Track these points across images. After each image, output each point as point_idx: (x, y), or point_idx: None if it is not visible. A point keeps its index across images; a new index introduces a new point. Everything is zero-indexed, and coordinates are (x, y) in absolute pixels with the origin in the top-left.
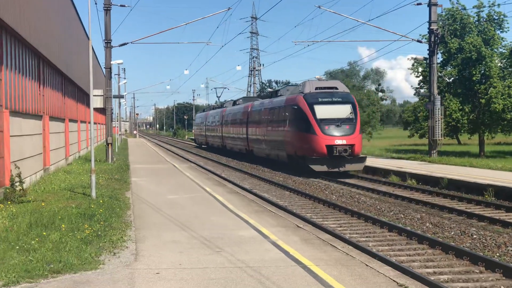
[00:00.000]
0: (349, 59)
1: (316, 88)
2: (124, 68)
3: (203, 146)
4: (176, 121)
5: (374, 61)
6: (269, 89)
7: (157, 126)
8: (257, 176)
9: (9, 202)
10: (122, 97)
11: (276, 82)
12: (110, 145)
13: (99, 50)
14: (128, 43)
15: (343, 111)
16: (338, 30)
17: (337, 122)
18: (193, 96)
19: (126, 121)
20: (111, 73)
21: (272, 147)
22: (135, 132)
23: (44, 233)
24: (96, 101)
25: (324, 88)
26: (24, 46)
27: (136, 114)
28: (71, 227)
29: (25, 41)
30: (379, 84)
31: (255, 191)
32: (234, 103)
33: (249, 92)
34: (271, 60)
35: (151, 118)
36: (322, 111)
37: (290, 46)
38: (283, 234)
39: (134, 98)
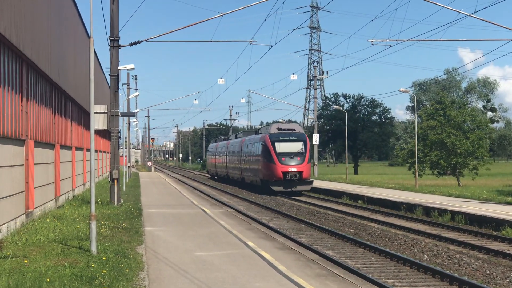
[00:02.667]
0: (446, 65)
1: (278, 129)
2: (136, 76)
3: (215, 177)
4: (206, 149)
5: (481, 67)
6: (331, 107)
7: (180, 155)
8: (317, 226)
9: None
10: (133, 115)
11: (345, 97)
12: (116, 181)
13: (101, 52)
14: (142, 41)
15: (296, 146)
16: (431, 26)
17: (291, 155)
18: (230, 115)
19: (138, 149)
20: (118, 82)
21: (253, 174)
22: (149, 163)
23: None
24: (98, 121)
25: (285, 129)
26: (1, 44)
27: (151, 139)
28: None
29: (1, 36)
30: (488, 100)
31: (316, 247)
32: (236, 136)
33: (308, 110)
34: (338, 66)
35: (172, 144)
36: (281, 146)
37: (364, 46)
38: None
39: (148, 116)
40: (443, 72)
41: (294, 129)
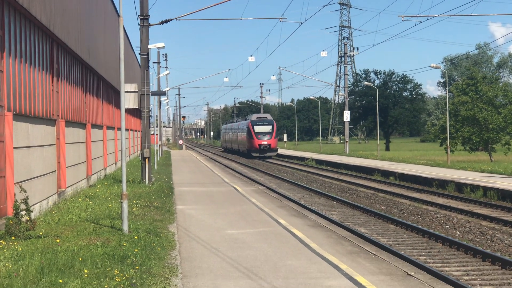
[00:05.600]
0: (477, 40)
1: (257, 117)
2: (166, 54)
3: (226, 150)
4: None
5: None
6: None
7: (211, 133)
8: (349, 203)
9: (12, 238)
10: (163, 93)
11: (376, 73)
12: (147, 160)
13: (131, 31)
14: (171, 19)
15: (267, 128)
16: (462, 1)
17: (264, 134)
18: (261, 92)
19: (169, 127)
20: (148, 61)
21: (242, 146)
22: (180, 142)
23: (60, 281)
24: (129, 100)
25: (261, 117)
26: (32, 25)
27: (183, 117)
28: (95, 273)
29: (32, 17)
30: None
31: (347, 225)
32: (236, 120)
33: (338, 86)
34: (369, 42)
35: (203, 122)
36: (258, 128)
37: (395, 22)
38: (387, 285)
39: (179, 95)
40: (475, 47)
41: (266, 117)
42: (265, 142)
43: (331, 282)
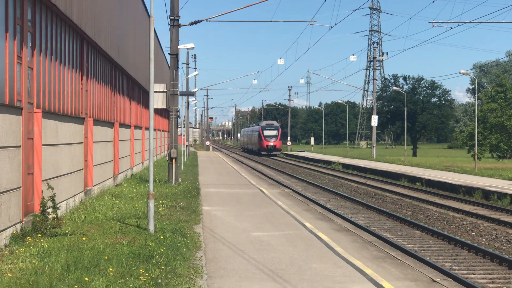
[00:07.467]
0: (507, 47)
1: (266, 123)
2: (195, 55)
3: (244, 151)
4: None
5: None
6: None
7: (238, 135)
8: (375, 208)
9: (39, 235)
10: (192, 94)
11: (405, 78)
12: (174, 160)
13: (161, 31)
14: (202, 20)
15: (273, 132)
16: (493, 8)
17: (271, 136)
18: (289, 95)
19: (196, 128)
20: (177, 61)
21: (254, 146)
22: (207, 143)
23: (86, 279)
24: (158, 100)
25: (269, 123)
26: (63, 22)
27: (210, 118)
28: (121, 272)
29: (64, 16)
30: None
31: (373, 229)
32: (251, 125)
33: (367, 91)
34: (398, 47)
35: (230, 124)
36: (266, 132)
37: (425, 27)
38: None
39: (207, 96)
40: (505, 54)
41: (273, 123)
42: (272, 143)
43: (356, 286)
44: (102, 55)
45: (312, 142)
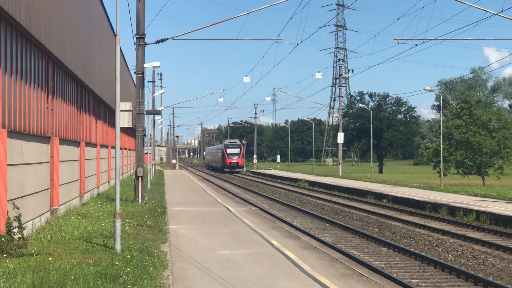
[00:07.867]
0: (472, 64)
1: (229, 142)
2: (161, 74)
3: (209, 168)
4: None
5: (506, 67)
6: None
7: (204, 153)
8: (341, 225)
9: (4, 255)
10: (158, 112)
11: (371, 95)
12: (140, 179)
13: (127, 49)
14: (168, 38)
15: (236, 150)
16: (457, 25)
17: (233, 154)
18: (255, 113)
19: (162, 146)
20: (144, 80)
21: (217, 164)
22: (174, 161)
23: None
24: (124, 119)
25: (232, 142)
26: (28, 41)
27: (176, 136)
28: None
29: (29, 34)
30: None
31: (340, 247)
32: (215, 144)
33: (333, 108)
34: (364, 64)
35: (196, 142)
36: (229, 150)
37: (390, 44)
38: None
39: (173, 114)
40: (469, 71)
41: (236, 142)
42: (235, 161)
43: None
44: (68, 74)
45: (279, 160)
